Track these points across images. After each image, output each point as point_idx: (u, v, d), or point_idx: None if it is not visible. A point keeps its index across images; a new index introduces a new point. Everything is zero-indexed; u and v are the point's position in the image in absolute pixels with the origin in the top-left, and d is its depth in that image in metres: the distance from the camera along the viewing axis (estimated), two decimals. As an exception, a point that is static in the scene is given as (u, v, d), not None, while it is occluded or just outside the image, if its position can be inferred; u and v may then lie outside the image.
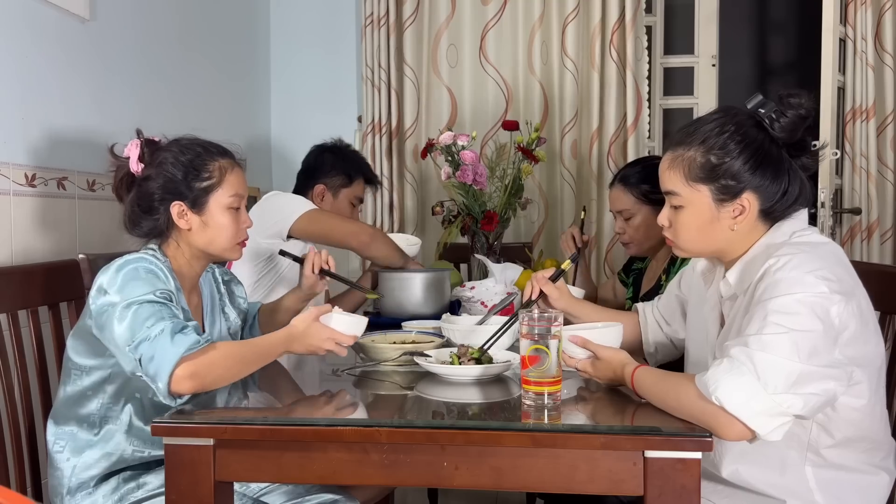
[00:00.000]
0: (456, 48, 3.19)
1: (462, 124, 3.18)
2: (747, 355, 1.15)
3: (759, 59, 4.49)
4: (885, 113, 2.83)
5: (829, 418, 1.27)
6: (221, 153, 1.57)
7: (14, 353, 1.59)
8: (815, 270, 1.21)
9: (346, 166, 2.38)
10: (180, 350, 1.29)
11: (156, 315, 1.33)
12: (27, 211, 1.88)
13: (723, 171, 1.30)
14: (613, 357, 1.36)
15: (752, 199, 1.31)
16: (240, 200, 1.57)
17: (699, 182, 1.32)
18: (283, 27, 3.40)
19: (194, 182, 1.51)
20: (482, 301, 2.16)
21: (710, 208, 1.33)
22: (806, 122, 1.29)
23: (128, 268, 1.40)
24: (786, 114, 1.28)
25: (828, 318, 1.18)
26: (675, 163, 1.35)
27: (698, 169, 1.32)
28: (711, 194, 1.32)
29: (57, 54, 2.01)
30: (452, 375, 1.45)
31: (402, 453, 1.18)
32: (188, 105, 2.71)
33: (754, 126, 1.31)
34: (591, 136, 3.06)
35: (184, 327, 1.32)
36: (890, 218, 2.84)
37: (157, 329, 1.31)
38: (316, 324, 1.43)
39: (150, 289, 1.37)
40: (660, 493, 1.12)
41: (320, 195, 2.36)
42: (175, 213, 1.50)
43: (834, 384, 1.17)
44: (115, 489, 1.45)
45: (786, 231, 1.32)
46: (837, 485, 1.30)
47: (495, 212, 2.44)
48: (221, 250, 1.56)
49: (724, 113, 1.35)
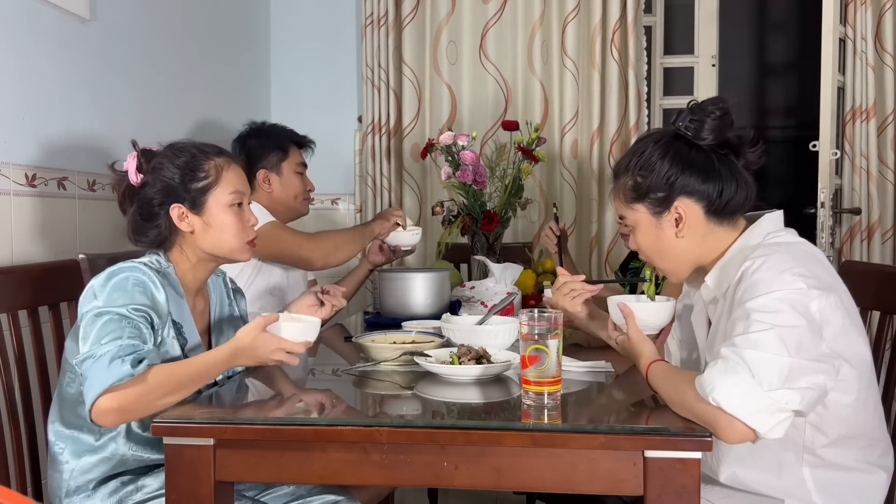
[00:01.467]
0: (456, 45, 3.19)
1: (462, 123, 3.18)
2: (738, 355, 1.16)
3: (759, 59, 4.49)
4: (885, 113, 2.83)
5: (821, 417, 1.28)
6: (217, 152, 1.56)
7: (14, 353, 1.59)
8: (791, 268, 1.23)
9: (273, 142, 2.31)
10: (109, 380, 1.26)
11: (115, 332, 1.32)
12: (27, 211, 1.88)
13: (647, 186, 1.38)
14: (640, 343, 1.40)
15: (688, 205, 1.36)
16: (241, 197, 1.55)
17: (634, 202, 1.41)
18: (283, 27, 3.40)
19: (191, 183, 1.50)
20: (482, 301, 2.16)
21: (652, 223, 1.40)
22: (725, 121, 1.35)
23: (118, 277, 1.40)
24: (703, 120, 1.35)
25: (808, 313, 1.20)
26: (616, 192, 1.46)
27: (630, 191, 1.41)
28: (648, 209, 1.39)
29: (57, 54, 2.01)
30: (452, 375, 1.45)
31: (402, 453, 1.18)
32: (188, 105, 2.71)
33: (673, 139, 1.38)
34: (591, 135, 3.06)
35: (130, 353, 1.29)
36: (890, 218, 2.84)
37: (105, 349, 1.29)
38: (263, 335, 1.36)
39: (127, 301, 1.36)
40: (660, 493, 1.13)
41: (266, 180, 2.28)
42: (175, 215, 1.50)
43: (824, 378, 1.18)
44: (114, 492, 1.44)
45: (760, 233, 1.35)
46: (835, 485, 1.31)
47: (495, 212, 2.44)
48: (229, 251, 1.54)
49: (642, 137, 1.47)
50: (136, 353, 1.30)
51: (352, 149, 3.37)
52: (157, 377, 1.30)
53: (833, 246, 2.73)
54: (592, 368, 1.53)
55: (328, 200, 3.37)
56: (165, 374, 1.32)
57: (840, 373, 1.24)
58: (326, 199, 3.36)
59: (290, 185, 2.31)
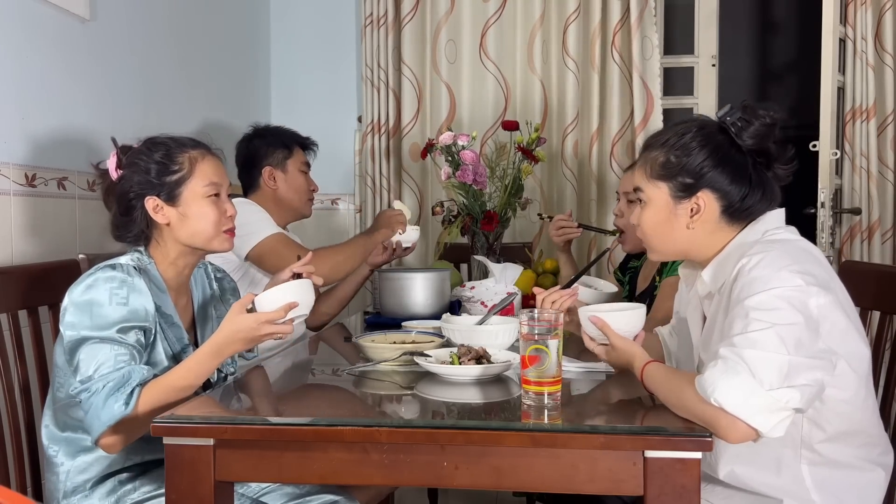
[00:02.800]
0: (455, 44, 3.19)
1: (462, 123, 3.17)
2: (737, 354, 1.16)
3: (759, 59, 4.50)
4: (885, 113, 2.83)
5: (818, 411, 1.28)
6: (192, 145, 1.56)
7: (14, 353, 1.59)
8: (788, 266, 1.23)
9: (278, 140, 2.34)
10: (108, 421, 1.32)
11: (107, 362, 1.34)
12: (27, 211, 1.88)
13: (680, 168, 1.36)
14: (626, 349, 1.39)
15: (709, 199, 1.35)
16: (217, 188, 1.55)
17: (659, 179, 1.39)
18: (283, 27, 3.40)
19: (165, 176, 1.50)
20: (482, 301, 2.16)
21: (668, 205, 1.39)
22: (773, 130, 1.34)
23: (95, 292, 1.39)
24: (751, 122, 1.33)
25: (806, 310, 1.20)
26: (641, 162, 1.44)
27: (659, 167, 1.39)
28: (669, 191, 1.38)
29: (57, 54, 2.01)
30: (452, 375, 1.45)
31: (402, 453, 1.18)
32: (188, 105, 2.71)
33: (718, 131, 1.37)
34: (591, 136, 3.06)
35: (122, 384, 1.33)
36: (890, 218, 2.84)
37: (98, 384, 1.33)
38: (242, 317, 1.39)
39: (111, 322, 1.37)
40: (660, 493, 1.13)
41: (271, 177, 2.30)
42: (150, 207, 1.50)
43: (821, 373, 1.18)
44: (112, 491, 1.44)
45: (759, 230, 1.35)
46: (834, 482, 1.31)
47: (495, 212, 2.44)
48: (206, 240, 1.54)
49: (689, 119, 1.44)
50: (129, 381, 1.34)
51: (351, 149, 3.37)
52: (152, 399, 1.35)
53: (833, 246, 2.73)
54: (592, 368, 1.53)
55: (328, 200, 3.37)
56: (159, 391, 1.36)
57: (836, 368, 1.24)
58: (326, 199, 3.36)
59: (295, 183, 2.33)
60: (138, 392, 1.34)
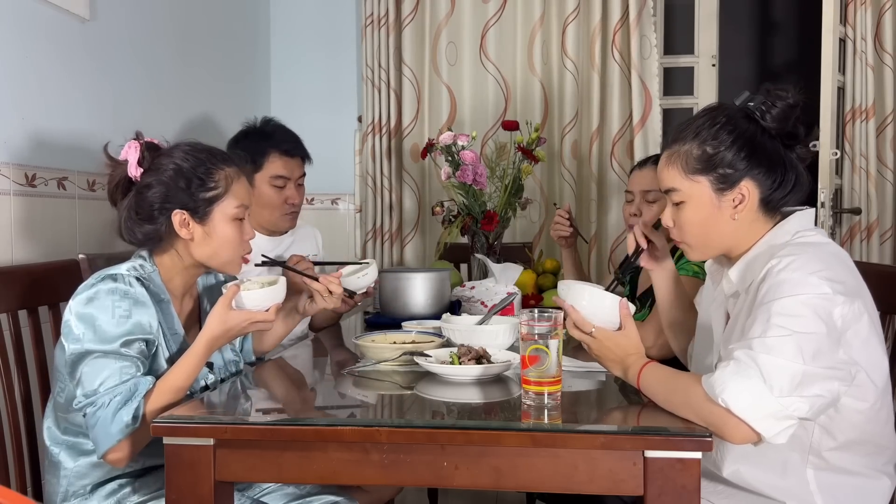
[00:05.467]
0: (455, 45, 3.20)
1: (462, 123, 3.18)
2: (752, 358, 1.15)
3: (759, 59, 4.49)
4: (885, 113, 2.83)
5: (832, 420, 1.27)
6: (226, 160, 1.51)
7: (14, 353, 1.59)
8: (818, 271, 1.21)
9: (250, 150, 2.03)
10: (116, 436, 1.30)
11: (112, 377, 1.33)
12: (27, 211, 1.88)
13: (719, 160, 1.32)
14: (623, 343, 1.33)
15: (751, 188, 1.32)
16: (245, 211, 1.52)
17: (697, 174, 1.34)
18: (283, 27, 3.40)
19: (199, 192, 1.46)
20: (482, 301, 2.16)
21: (711, 199, 1.34)
22: (795, 110, 1.31)
23: (98, 304, 1.37)
24: (775, 104, 1.31)
25: (830, 319, 1.18)
26: (672, 159, 1.37)
27: (695, 161, 1.34)
28: (711, 185, 1.34)
29: (57, 54, 2.01)
30: (452, 375, 1.45)
31: (402, 453, 1.18)
32: (188, 105, 2.71)
33: (744, 118, 1.34)
34: (591, 136, 3.06)
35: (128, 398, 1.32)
36: (890, 218, 2.84)
37: (104, 398, 1.32)
38: (230, 314, 1.43)
39: (115, 336, 1.35)
40: (660, 493, 1.13)
41: None
42: (177, 221, 1.45)
43: (837, 384, 1.17)
44: (112, 493, 1.44)
45: (789, 230, 1.33)
46: (838, 488, 1.30)
47: (495, 212, 2.44)
48: (223, 263, 1.51)
49: (714, 108, 1.39)
50: (136, 394, 1.33)
51: (352, 149, 3.37)
52: (154, 406, 1.34)
53: (833, 246, 2.73)
54: (592, 368, 1.53)
55: (328, 200, 3.37)
56: (161, 395, 1.36)
57: (856, 379, 1.23)
58: (326, 199, 3.36)
59: (262, 199, 2.13)
60: (143, 403, 1.33)
